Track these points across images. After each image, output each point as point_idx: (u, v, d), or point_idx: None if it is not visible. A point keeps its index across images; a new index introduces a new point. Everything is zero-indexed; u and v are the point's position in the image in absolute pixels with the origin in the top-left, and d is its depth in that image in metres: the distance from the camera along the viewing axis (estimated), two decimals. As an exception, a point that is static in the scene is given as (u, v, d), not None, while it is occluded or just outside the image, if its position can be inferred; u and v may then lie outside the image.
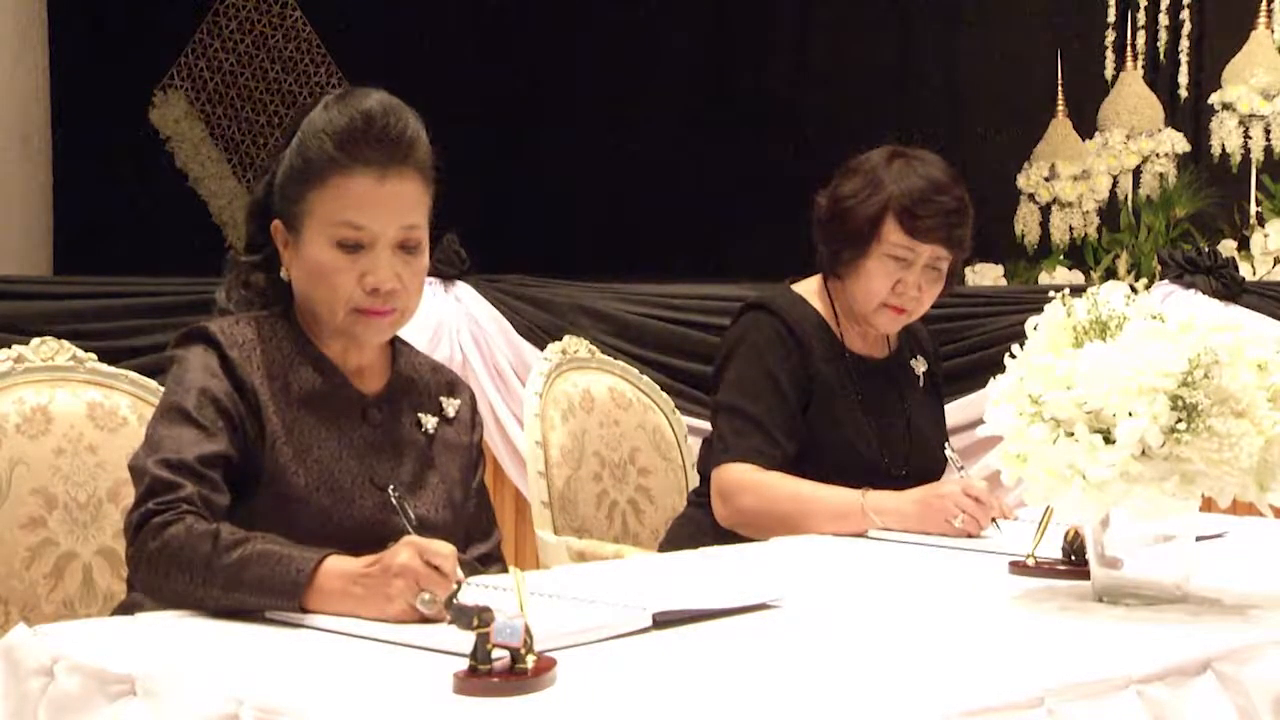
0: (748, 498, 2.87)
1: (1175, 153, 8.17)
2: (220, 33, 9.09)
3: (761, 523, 2.84)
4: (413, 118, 2.24)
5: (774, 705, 1.60)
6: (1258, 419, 2.00)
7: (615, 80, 8.59)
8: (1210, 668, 1.81)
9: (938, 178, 2.96)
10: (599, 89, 8.60)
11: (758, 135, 8.14)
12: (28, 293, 4.36)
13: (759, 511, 2.86)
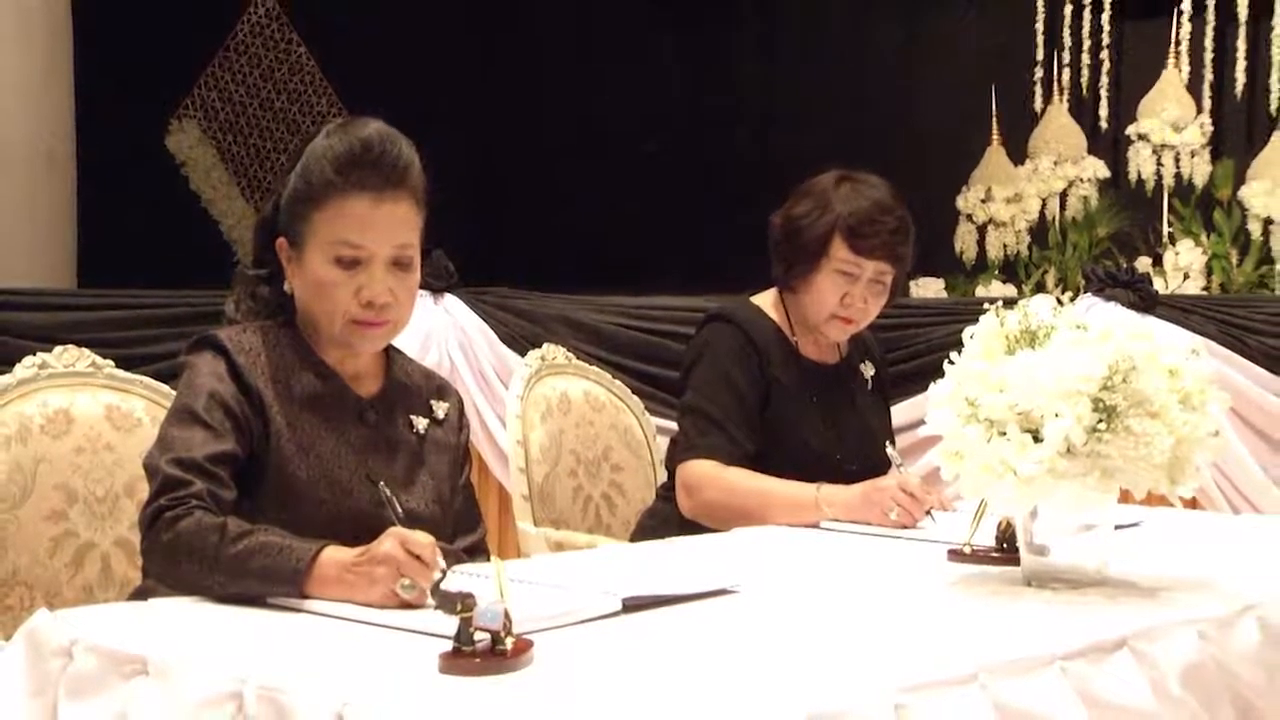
0: (711, 492, 2.87)
1: (1097, 178, 8.21)
2: (231, 66, 9.07)
3: (724, 515, 2.84)
4: (406, 145, 2.24)
5: (733, 683, 1.60)
6: (1170, 420, 2.01)
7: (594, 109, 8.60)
8: (1126, 645, 1.81)
9: (881, 199, 2.97)
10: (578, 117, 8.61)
11: (724, 161, 8.16)
12: (52, 304, 4.35)
13: (721, 504, 2.86)
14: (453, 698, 1.51)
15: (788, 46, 8.73)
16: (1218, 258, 7.66)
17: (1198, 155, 8.05)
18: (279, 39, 9.09)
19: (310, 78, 9.09)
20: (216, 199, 8.98)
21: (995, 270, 8.05)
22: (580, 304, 4.40)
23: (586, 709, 1.50)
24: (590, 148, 8.52)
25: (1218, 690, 1.88)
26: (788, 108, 8.32)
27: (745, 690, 1.56)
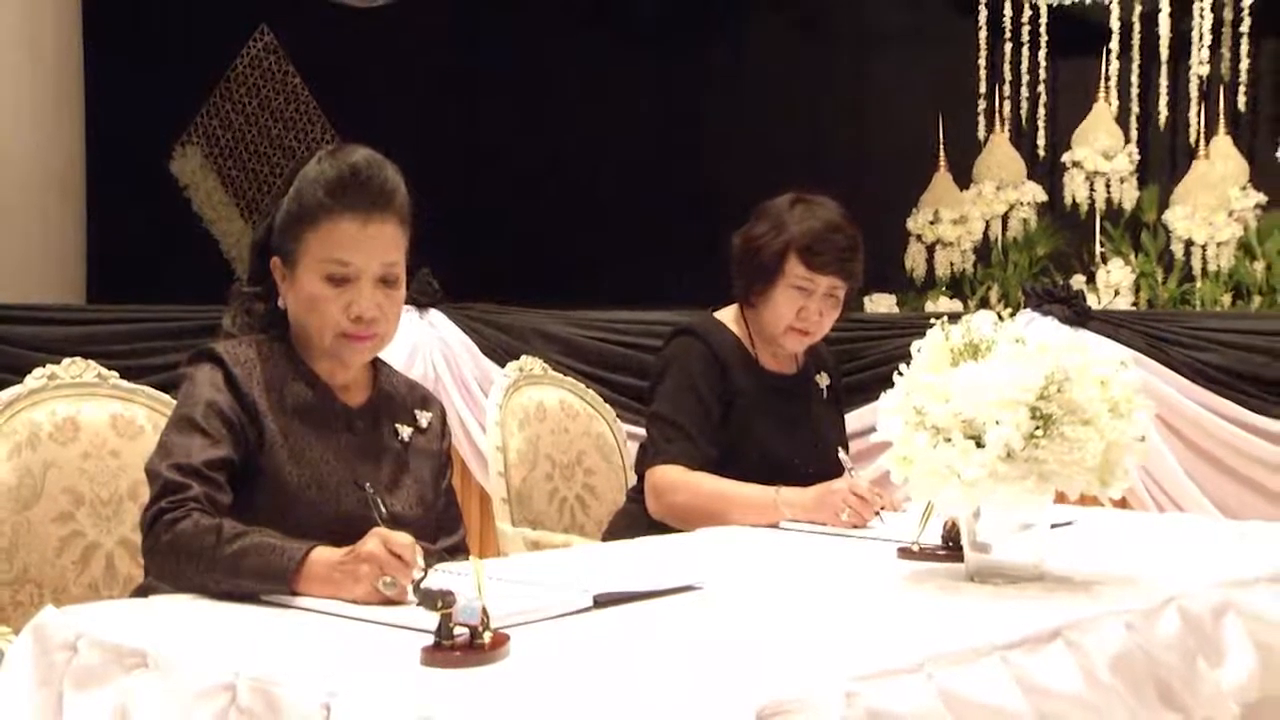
0: (678, 495, 2.86)
1: (1035, 202, 8.25)
2: (231, 97, 9.06)
3: (689, 516, 2.83)
4: (393, 171, 2.23)
5: (695, 673, 1.59)
6: (1101, 426, 2.01)
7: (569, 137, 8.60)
8: (1061, 635, 1.81)
9: (833, 220, 2.97)
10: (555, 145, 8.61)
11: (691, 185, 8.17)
12: (60, 319, 4.34)
13: (687, 506, 2.85)
14: (434, 689, 1.50)
15: (751, 80, 8.75)
16: (1145, 276, 7.71)
17: (1126, 181, 8.11)
18: (276, 71, 9.07)
19: (305, 107, 9.08)
20: (217, 220, 8.95)
21: (943, 287, 8.08)
22: (556, 318, 4.40)
23: (559, 699, 1.49)
24: (566, 173, 8.53)
25: (1142, 675, 1.88)
26: (750, 136, 8.33)
27: (707, 679, 1.55)
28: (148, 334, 4.14)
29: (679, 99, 8.78)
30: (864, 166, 8.33)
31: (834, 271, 2.95)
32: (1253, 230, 7.76)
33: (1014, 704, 1.67)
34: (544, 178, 8.56)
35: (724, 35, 8.78)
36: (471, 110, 8.68)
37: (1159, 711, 1.88)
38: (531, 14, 8.72)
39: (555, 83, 8.63)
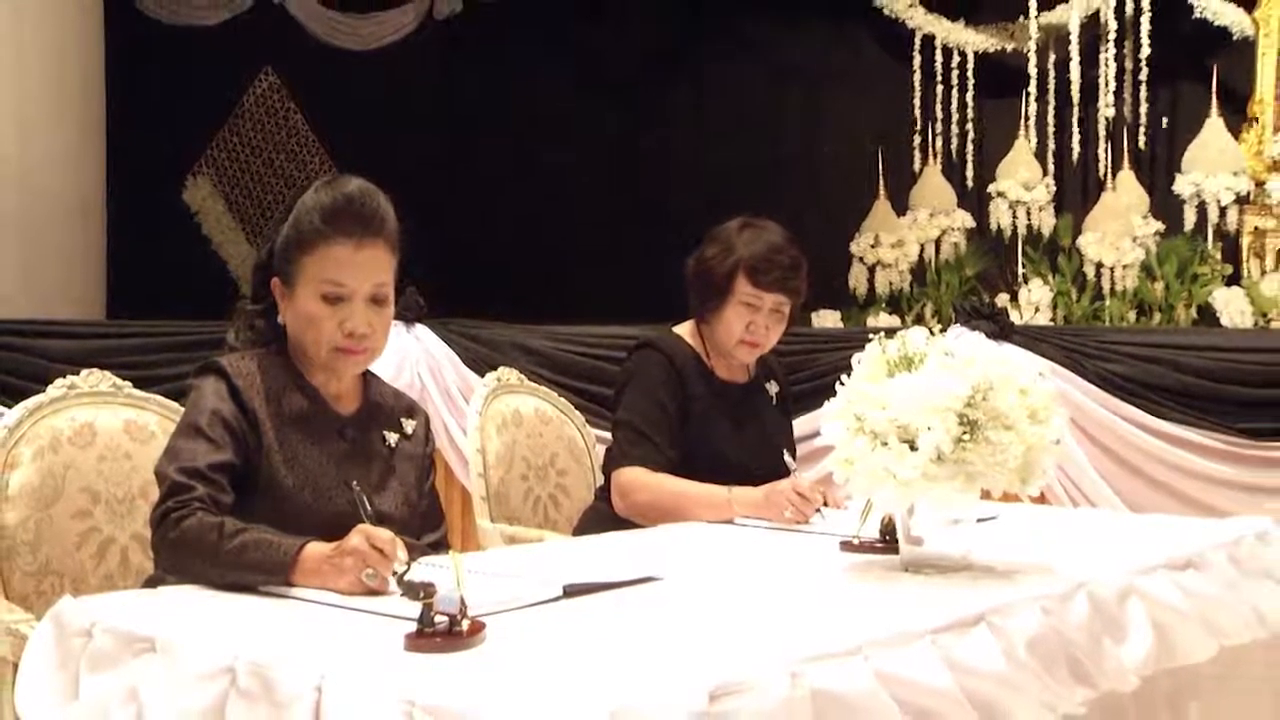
0: (640, 494, 2.84)
1: (964, 228, 8.31)
2: (238, 131, 9.03)
3: (652, 514, 2.81)
4: (383, 199, 2.22)
5: (656, 657, 1.59)
6: (1021, 431, 2.02)
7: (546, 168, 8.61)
8: (984, 620, 1.81)
9: (777, 242, 2.95)
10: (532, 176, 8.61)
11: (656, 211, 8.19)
12: (80, 333, 4.31)
13: (650, 505, 2.83)
14: (416, 672, 1.49)
15: (710, 118, 8.78)
16: (1061, 294, 7.76)
17: (1044, 210, 8.18)
18: (279, 108, 9.05)
19: (305, 141, 9.06)
20: (224, 243, 8.92)
21: (882, 304, 8.11)
22: (531, 333, 4.39)
23: (532, 681, 1.48)
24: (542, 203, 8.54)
25: (1056, 654, 1.88)
26: (709, 168, 8.36)
27: (665, 662, 1.55)
28: (159, 347, 4.11)
29: (644, 135, 8.82)
30: (812, 195, 8.37)
31: (779, 289, 2.93)
32: (1153, 254, 7.84)
33: (942, 682, 1.67)
34: (521, 207, 8.58)
35: (686, 77, 8.81)
36: (456, 145, 8.69)
37: (1070, 685, 1.88)
38: (512, 58, 8.73)
39: (533, 121, 8.65)
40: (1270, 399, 4.04)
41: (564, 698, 1.39)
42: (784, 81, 8.75)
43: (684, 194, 7.95)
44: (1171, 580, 2.20)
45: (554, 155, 8.60)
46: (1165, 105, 8.44)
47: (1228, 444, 4.02)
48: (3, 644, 2.04)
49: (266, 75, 9.04)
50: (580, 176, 8.62)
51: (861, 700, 1.55)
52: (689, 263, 3.03)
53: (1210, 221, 7.94)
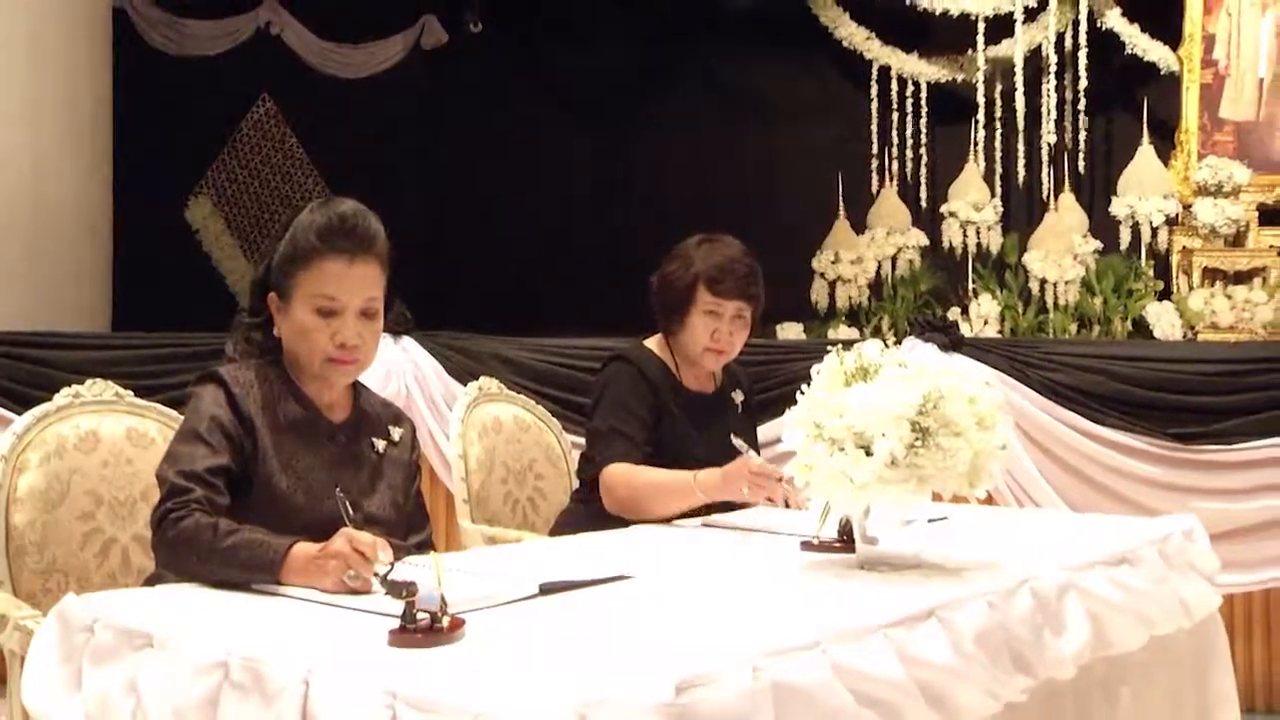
0: (620, 490, 2.79)
1: (919, 246, 8.33)
2: (237, 154, 9.00)
3: (632, 506, 2.76)
4: (374, 219, 2.21)
5: (626, 651, 1.58)
6: (969, 437, 2.02)
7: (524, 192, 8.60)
8: (934, 614, 1.81)
9: (733, 253, 2.94)
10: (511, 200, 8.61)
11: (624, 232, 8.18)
12: (84, 344, 4.27)
13: (628, 498, 2.78)
14: (399, 666, 1.48)
15: (678, 143, 8.79)
16: (1008, 308, 7.79)
17: (993, 229, 8.21)
18: (275, 133, 9.02)
19: (300, 163, 9.03)
20: (224, 259, 8.87)
21: (842, 317, 8.12)
22: (510, 344, 4.36)
23: (509, 674, 1.47)
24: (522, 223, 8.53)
25: (1000, 645, 1.88)
26: (677, 191, 8.36)
27: (635, 656, 1.54)
28: (161, 358, 4.08)
29: (616, 161, 8.83)
30: (776, 215, 8.38)
31: (738, 296, 2.91)
32: (1092, 271, 7.89)
33: (894, 674, 1.67)
34: (503, 226, 8.57)
35: (655, 105, 8.82)
36: (441, 167, 8.67)
37: (1012, 674, 1.88)
38: (492, 86, 8.73)
39: (511, 145, 8.65)
40: (1198, 406, 4.06)
41: (538, 690, 1.38)
42: (751, 108, 8.77)
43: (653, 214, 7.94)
44: (1107, 576, 2.21)
45: (531, 178, 8.60)
46: (1101, 133, 8.51)
47: (1159, 447, 4.03)
48: (11, 639, 2.02)
49: (264, 102, 9.01)
50: (556, 198, 8.63)
51: (818, 692, 1.55)
52: (653, 280, 3.01)
53: (1143, 241, 8.00)
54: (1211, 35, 8.32)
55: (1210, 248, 7.88)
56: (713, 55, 8.68)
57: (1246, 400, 4.02)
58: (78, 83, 6.20)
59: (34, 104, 5.92)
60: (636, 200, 8.62)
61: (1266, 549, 3.96)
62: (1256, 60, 8.25)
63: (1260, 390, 4.03)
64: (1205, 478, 4.01)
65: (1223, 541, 3.41)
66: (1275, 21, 8.17)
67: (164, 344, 4.19)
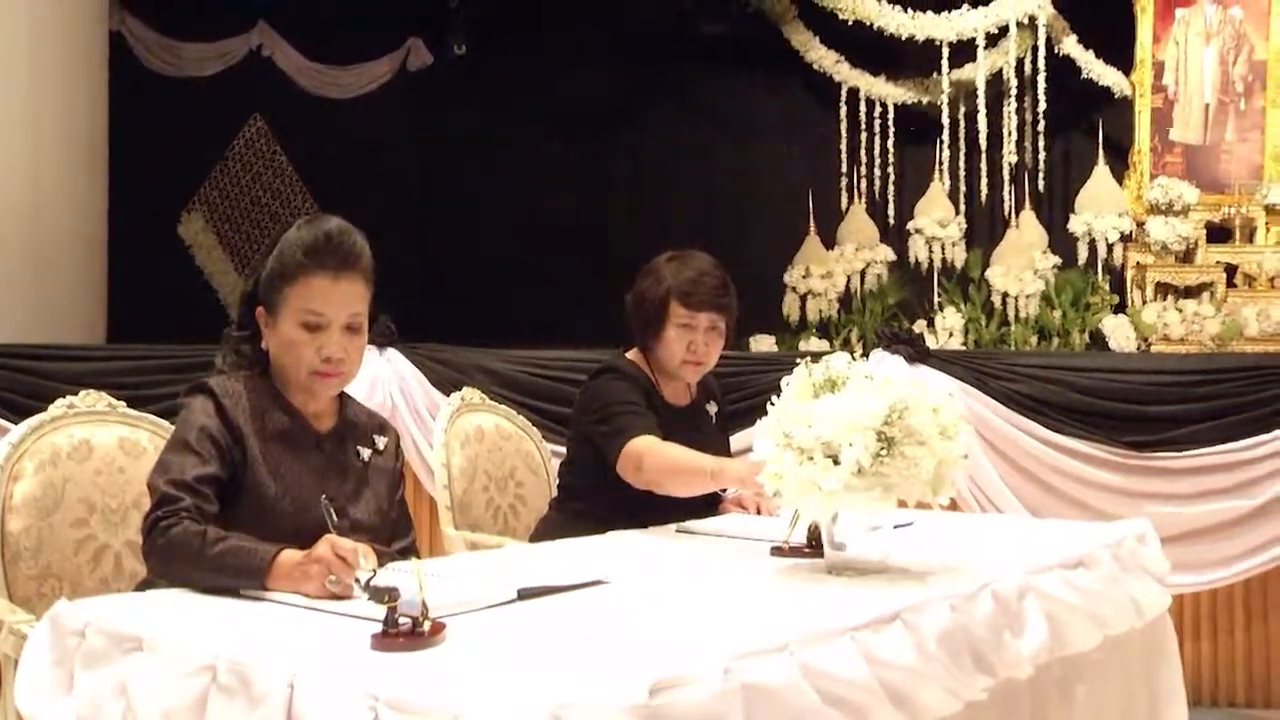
0: (655, 458, 2.68)
1: (887, 260, 8.37)
2: (229, 171, 8.97)
3: (669, 477, 2.66)
4: (359, 237, 2.19)
5: (602, 654, 1.57)
6: (933, 446, 2.01)
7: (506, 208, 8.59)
8: (899, 617, 1.81)
9: (703, 267, 2.90)
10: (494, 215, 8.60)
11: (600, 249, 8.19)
12: (78, 356, 4.24)
13: (658, 468, 2.67)
14: (381, 669, 1.47)
15: (654, 161, 8.81)
16: (972, 321, 7.83)
17: (957, 245, 8.26)
18: (266, 150, 8.99)
19: (290, 181, 9.01)
20: (215, 273, 8.84)
21: (813, 329, 8.14)
22: (492, 356, 4.34)
23: (488, 677, 1.46)
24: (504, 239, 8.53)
25: (962, 646, 1.88)
26: (653, 207, 8.37)
27: (610, 659, 1.54)
28: (153, 369, 4.05)
29: (596, 178, 8.83)
30: (749, 230, 8.40)
31: (710, 308, 2.88)
32: (1052, 285, 7.94)
33: (860, 675, 1.67)
34: (486, 242, 8.56)
35: (634, 125, 8.83)
36: (426, 184, 8.65)
37: (973, 674, 1.88)
38: (474, 107, 8.73)
39: (493, 164, 8.64)
40: (1151, 415, 4.08)
41: (515, 692, 1.37)
42: (726, 128, 8.80)
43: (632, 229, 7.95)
44: (1063, 578, 2.22)
45: (513, 195, 8.60)
46: (1059, 153, 8.57)
47: (1114, 455, 4.05)
48: (6, 642, 2.01)
49: (255, 121, 8.98)
50: (537, 215, 8.63)
51: (787, 692, 1.54)
52: (627, 298, 2.98)
53: (1100, 257, 8.06)
54: (1161, 62, 8.41)
55: (1162, 264, 7.94)
56: (689, 77, 8.71)
57: (1196, 409, 4.05)
58: (76, 103, 6.18)
59: (34, 123, 5.90)
60: (616, 216, 8.62)
61: (1213, 551, 3.98)
62: (1202, 86, 8.34)
63: (1208, 400, 4.06)
64: (1157, 483, 4.03)
65: (1173, 544, 3.43)
66: (1218, 51, 8.27)
67: (156, 355, 4.16)
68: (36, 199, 5.90)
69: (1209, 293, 7.77)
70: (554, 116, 8.66)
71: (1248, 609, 4.15)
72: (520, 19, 8.65)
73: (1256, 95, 8.34)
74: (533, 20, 8.62)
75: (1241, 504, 3.98)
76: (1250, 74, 8.36)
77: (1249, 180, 8.26)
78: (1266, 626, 4.14)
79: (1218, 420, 4.03)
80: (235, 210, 8.90)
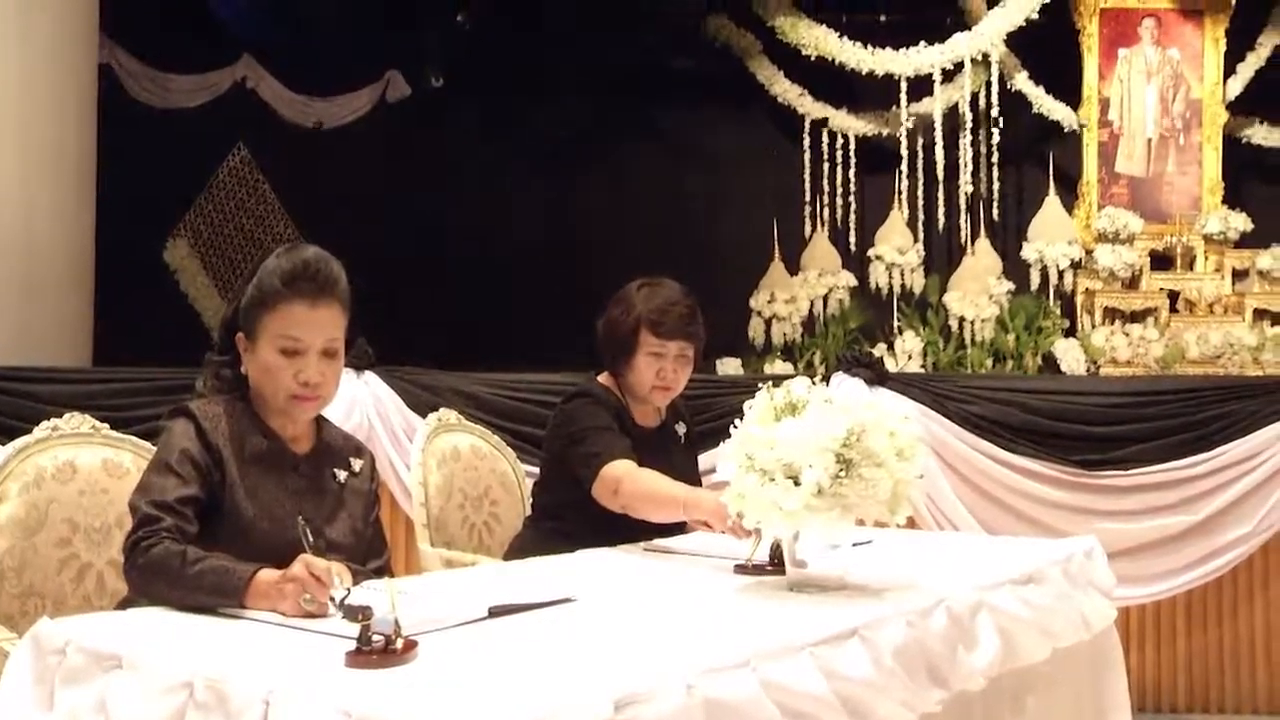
0: (629, 484, 2.66)
1: (848, 286, 8.41)
2: (213, 199, 8.94)
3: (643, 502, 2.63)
4: (336, 265, 2.19)
5: (569, 670, 1.57)
6: (890, 468, 2.02)
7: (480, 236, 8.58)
8: (857, 633, 1.81)
9: (673, 296, 2.88)
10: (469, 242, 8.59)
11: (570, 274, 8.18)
12: (68, 379, 4.20)
13: (632, 493, 2.64)
14: (355, 686, 1.46)
15: (624, 191, 8.82)
16: (930, 344, 7.88)
17: (915, 271, 8.31)
18: (249, 179, 8.97)
19: (272, 208, 8.98)
20: (199, 297, 8.79)
21: (778, 352, 8.17)
22: (467, 379, 4.32)
23: (459, 693, 1.45)
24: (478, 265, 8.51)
25: (917, 661, 1.89)
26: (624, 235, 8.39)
27: (577, 675, 1.53)
28: (137, 391, 4.01)
29: (568, 206, 8.84)
30: (716, 257, 8.42)
31: (680, 336, 2.86)
32: (1006, 310, 8.00)
33: (819, 689, 1.67)
34: (462, 267, 8.54)
35: (605, 155, 8.85)
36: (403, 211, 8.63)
37: (928, 687, 1.89)
38: (450, 136, 8.73)
39: (470, 193, 8.65)
40: (1099, 435, 4.11)
41: (486, 708, 1.37)
42: (694, 158, 8.84)
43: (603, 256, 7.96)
44: (1015, 594, 2.23)
45: (488, 222, 8.60)
46: (1012, 184, 8.66)
47: (1064, 473, 4.08)
48: (-12, 660, 1.97)
49: (239, 150, 8.96)
50: (511, 241, 8.63)
51: (748, 707, 1.54)
52: (598, 325, 2.96)
53: (1051, 283, 8.14)
54: (1107, 98, 8.53)
55: (1110, 289, 8.03)
56: (658, 109, 8.74)
57: (1141, 429, 4.09)
58: (66, 133, 6.16)
59: (25, 153, 5.88)
60: (587, 243, 8.63)
61: (1157, 564, 4.02)
62: (1145, 122, 8.45)
63: (1153, 420, 4.09)
64: (1105, 500, 4.06)
65: (1119, 558, 3.46)
66: (1158, 89, 8.39)
67: (140, 378, 4.13)
68: (28, 225, 5.87)
69: (1153, 317, 7.86)
70: (528, 146, 8.67)
71: (1188, 618, 4.18)
72: (494, 53, 8.67)
73: (1194, 131, 8.47)
74: (506, 54, 8.64)
75: (1184, 519, 4.02)
76: (1188, 111, 8.49)
77: (1189, 211, 8.38)
78: (1205, 635, 4.18)
79: (1161, 440, 4.07)
80: (219, 236, 8.86)
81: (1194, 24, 8.51)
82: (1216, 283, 8.10)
